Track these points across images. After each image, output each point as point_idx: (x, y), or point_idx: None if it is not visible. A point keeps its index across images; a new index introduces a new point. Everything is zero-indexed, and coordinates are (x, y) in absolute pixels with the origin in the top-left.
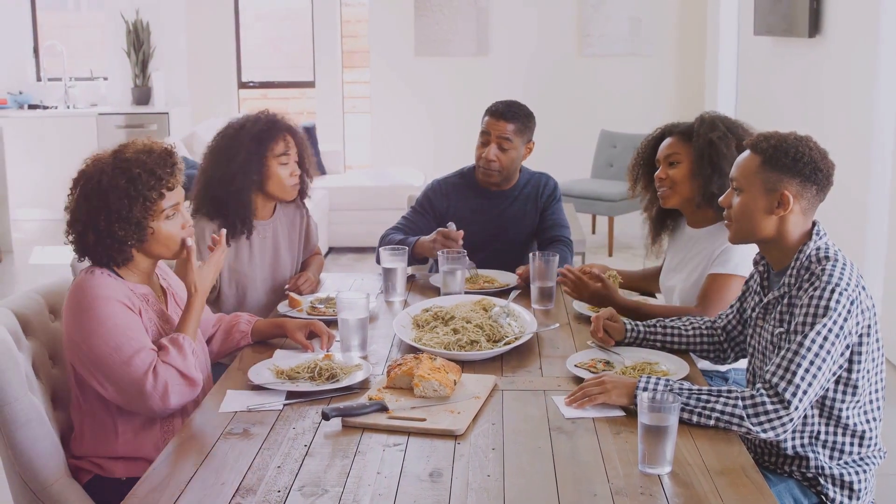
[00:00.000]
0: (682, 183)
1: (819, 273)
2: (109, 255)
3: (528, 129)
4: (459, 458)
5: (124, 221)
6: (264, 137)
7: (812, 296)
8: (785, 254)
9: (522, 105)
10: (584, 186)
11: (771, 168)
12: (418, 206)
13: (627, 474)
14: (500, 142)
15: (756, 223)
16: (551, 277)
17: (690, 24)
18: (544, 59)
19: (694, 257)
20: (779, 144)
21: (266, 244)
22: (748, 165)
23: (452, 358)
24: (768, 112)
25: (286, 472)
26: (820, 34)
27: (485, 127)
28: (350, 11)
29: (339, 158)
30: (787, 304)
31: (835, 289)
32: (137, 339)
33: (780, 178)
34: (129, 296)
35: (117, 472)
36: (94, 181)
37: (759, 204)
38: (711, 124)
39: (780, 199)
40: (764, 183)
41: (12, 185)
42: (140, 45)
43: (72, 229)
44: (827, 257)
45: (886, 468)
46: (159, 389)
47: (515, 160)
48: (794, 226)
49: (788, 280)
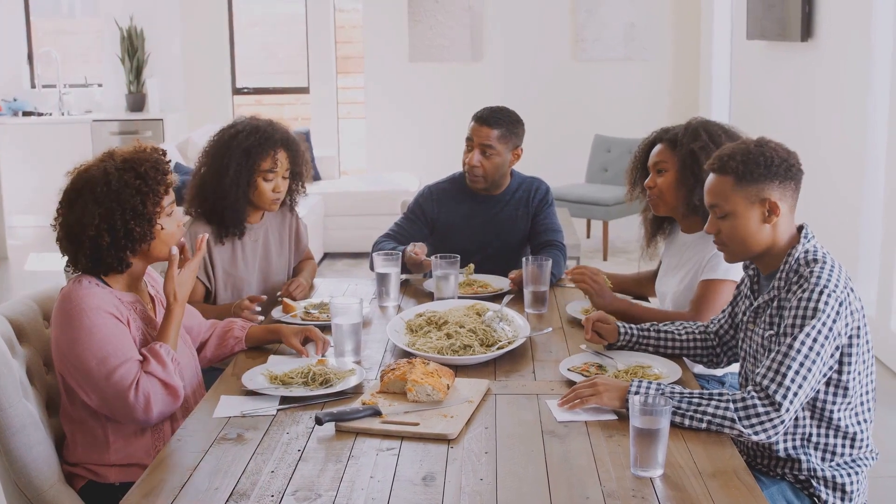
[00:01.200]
0: (668, 192)
1: (807, 275)
2: (118, 257)
3: (515, 135)
4: (452, 461)
5: (140, 218)
6: (254, 153)
7: (801, 297)
8: (774, 258)
9: (510, 111)
10: (578, 191)
11: (747, 182)
12: (410, 212)
13: (620, 477)
14: (482, 148)
15: (752, 239)
16: (544, 282)
17: (684, 28)
18: (539, 64)
19: (686, 262)
20: (745, 158)
21: (257, 246)
22: (722, 188)
23: (446, 362)
24: (762, 115)
25: (280, 477)
26: (812, 38)
27: (469, 133)
28: (344, 17)
29: (334, 164)
30: (777, 308)
31: (823, 290)
32: (123, 350)
33: (760, 188)
34: (116, 305)
35: (111, 477)
36: (101, 184)
37: (749, 220)
38: (694, 134)
39: (769, 207)
40: (746, 198)
41: (7, 191)
42: (134, 51)
43: (78, 237)
44: (815, 260)
45: (879, 470)
46: (141, 401)
47: (500, 166)
48: (784, 229)
49: (778, 283)
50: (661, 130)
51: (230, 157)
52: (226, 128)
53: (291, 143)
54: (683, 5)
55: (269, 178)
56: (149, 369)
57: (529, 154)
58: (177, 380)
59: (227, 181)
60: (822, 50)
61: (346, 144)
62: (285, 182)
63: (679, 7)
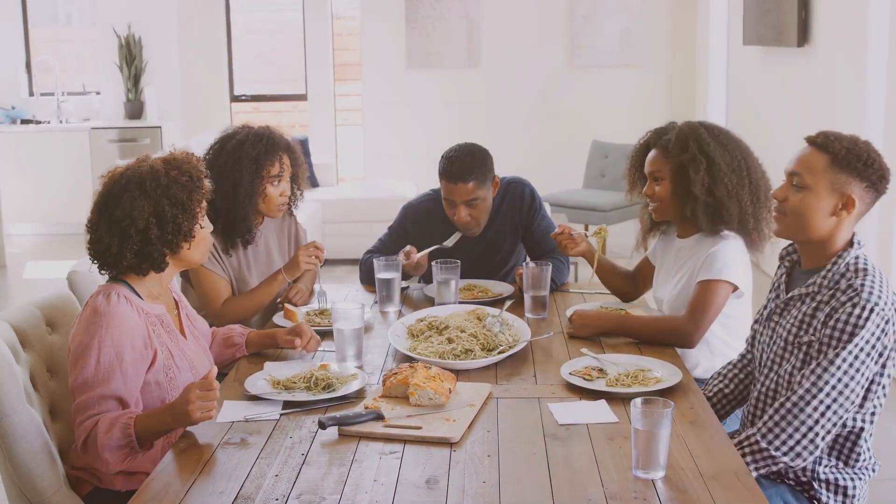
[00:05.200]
0: (666, 200)
1: (858, 288)
2: (162, 252)
3: (488, 172)
4: (455, 465)
5: (187, 213)
6: (262, 160)
7: (850, 313)
8: (823, 254)
9: (473, 151)
10: (575, 196)
11: (840, 169)
12: (394, 231)
13: (621, 479)
14: (467, 203)
15: (815, 222)
16: (545, 287)
17: (680, 34)
18: (535, 70)
19: (681, 267)
20: (851, 147)
21: (259, 251)
22: (814, 163)
23: (447, 367)
24: (758, 120)
25: (284, 481)
26: (808, 43)
27: (445, 194)
28: (342, 24)
29: (332, 171)
30: (813, 308)
31: (874, 306)
32: (113, 387)
33: (848, 180)
34: (138, 326)
35: (117, 484)
36: (150, 179)
37: (822, 203)
38: (683, 144)
39: (846, 202)
40: (832, 182)
41: (5, 199)
42: (132, 59)
43: (126, 232)
44: (865, 269)
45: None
46: (80, 437)
47: (489, 207)
48: (846, 230)
49: (821, 281)
50: (654, 133)
51: (240, 168)
52: (225, 138)
53: (292, 147)
54: (679, 11)
55: (276, 184)
56: (113, 416)
57: (527, 159)
58: (107, 455)
59: (241, 191)
60: (818, 55)
61: (343, 151)
62: (289, 186)
63: (675, 13)
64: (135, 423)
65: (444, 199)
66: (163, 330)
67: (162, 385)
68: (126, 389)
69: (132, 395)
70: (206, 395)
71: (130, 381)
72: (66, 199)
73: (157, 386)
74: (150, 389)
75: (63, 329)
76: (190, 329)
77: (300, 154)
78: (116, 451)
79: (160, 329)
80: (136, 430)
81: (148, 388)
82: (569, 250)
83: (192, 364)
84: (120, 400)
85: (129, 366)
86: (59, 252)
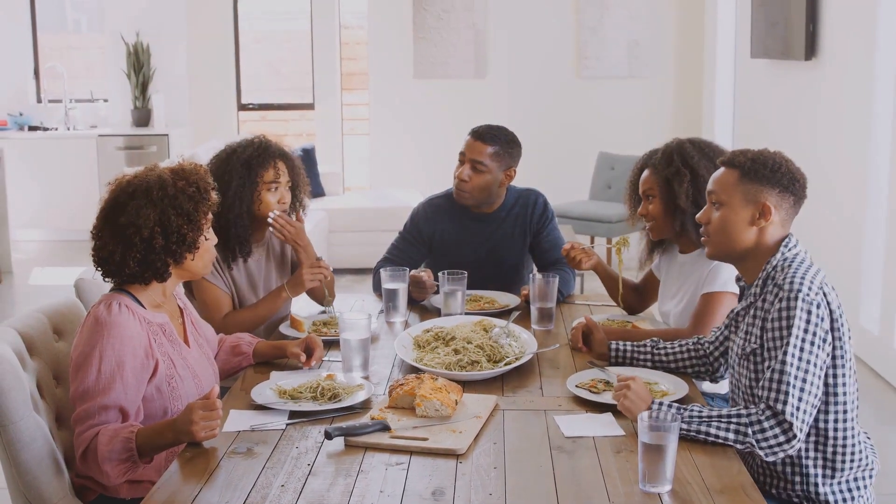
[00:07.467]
0: (659, 217)
1: (781, 283)
2: (166, 262)
3: (509, 155)
4: (461, 476)
5: (192, 224)
6: (254, 164)
7: (780, 308)
8: (757, 267)
9: (508, 131)
10: (582, 208)
11: (750, 180)
12: (406, 233)
13: (628, 493)
14: (473, 164)
15: (736, 235)
16: (551, 298)
17: (688, 46)
18: (542, 81)
19: (685, 282)
20: (756, 157)
21: (260, 265)
22: (726, 180)
23: (453, 378)
24: (765, 134)
25: (290, 491)
26: (816, 57)
27: (463, 146)
28: (349, 34)
29: (339, 180)
30: (754, 317)
31: (797, 295)
32: (114, 396)
33: (759, 189)
34: (140, 336)
35: (122, 492)
36: (157, 188)
37: (739, 216)
38: (668, 159)
39: (762, 210)
40: (744, 195)
41: (12, 206)
42: (140, 66)
43: (130, 240)
44: (790, 265)
45: (882, 487)
46: (80, 448)
47: (490, 185)
48: (771, 238)
49: (754, 290)
50: (647, 155)
51: (231, 172)
52: (220, 151)
53: (288, 155)
54: (687, 24)
55: (272, 190)
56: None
57: (533, 170)
58: (107, 466)
59: (230, 195)
60: (825, 69)
61: (350, 161)
62: (289, 194)
63: (682, 25)
64: (136, 437)
65: (460, 152)
66: (165, 339)
67: (164, 394)
68: (127, 399)
69: (133, 404)
70: (208, 415)
71: (131, 390)
72: (73, 206)
73: (158, 395)
74: (152, 398)
75: (70, 336)
76: (194, 336)
77: (299, 164)
78: (118, 465)
79: (162, 338)
80: (137, 444)
81: (149, 396)
82: (583, 265)
83: (194, 373)
84: (121, 409)
85: (131, 375)
86: (66, 259)
